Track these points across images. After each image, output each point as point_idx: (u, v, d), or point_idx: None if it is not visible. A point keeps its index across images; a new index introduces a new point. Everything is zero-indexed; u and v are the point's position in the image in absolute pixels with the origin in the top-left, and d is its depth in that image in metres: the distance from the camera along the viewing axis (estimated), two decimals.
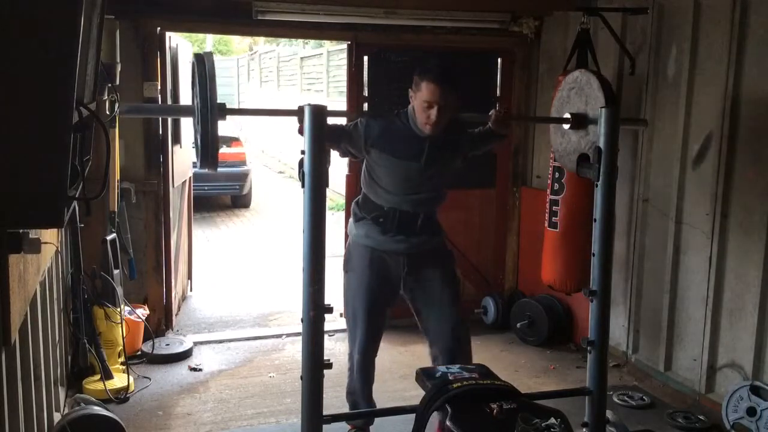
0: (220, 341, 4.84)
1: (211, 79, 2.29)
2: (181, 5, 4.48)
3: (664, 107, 4.06)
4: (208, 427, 3.62)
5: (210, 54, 2.38)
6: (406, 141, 2.96)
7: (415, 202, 3.05)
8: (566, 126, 2.90)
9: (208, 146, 2.31)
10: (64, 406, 3.40)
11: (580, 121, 2.83)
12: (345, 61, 5.35)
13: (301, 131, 2.38)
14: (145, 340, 4.46)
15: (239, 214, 10.15)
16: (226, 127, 9.01)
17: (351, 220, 3.23)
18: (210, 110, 2.26)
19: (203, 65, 2.30)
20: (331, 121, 2.48)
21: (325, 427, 2.37)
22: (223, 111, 2.29)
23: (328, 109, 2.33)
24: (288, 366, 4.42)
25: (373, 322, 3.14)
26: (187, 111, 2.48)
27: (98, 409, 3.27)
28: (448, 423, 2.52)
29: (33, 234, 2.14)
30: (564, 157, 2.99)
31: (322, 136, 2.27)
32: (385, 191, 3.04)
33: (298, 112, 2.32)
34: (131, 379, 3.97)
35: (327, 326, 2.64)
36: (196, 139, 2.42)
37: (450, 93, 2.87)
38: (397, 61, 5.02)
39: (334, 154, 2.77)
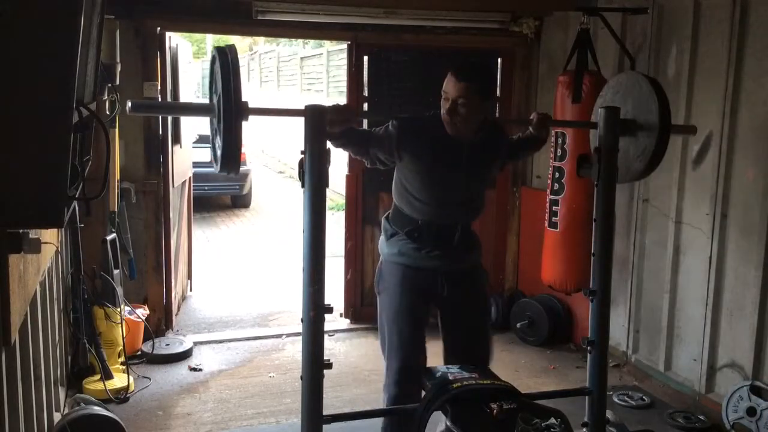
0: (220, 341, 4.84)
1: (235, 74, 2.08)
2: (181, 5, 4.48)
3: None
4: (208, 427, 3.62)
5: (233, 47, 2.15)
6: (442, 145, 2.66)
7: (453, 213, 2.77)
8: None
9: (232, 149, 2.11)
10: (64, 406, 3.40)
11: (627, 127, 2.66)
12: (345, 61, 5.35)
13: (328, 136, 2.33)
14: (145, 340, 4.46)
15: (239, 214, 10.15)
16: None
17: (381, 237, 2.90)
18: (234, 109, 2.07)
19: (226, 58, 2.11)
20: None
21: (325, 427, 2.37)
22: (247, 111, 2.13)
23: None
24: (288, 366, 4.42)
25: (411, 348, 2.75)
26: (205, 110, 2.28)
27: (98, 409, 3.27)
28: (448, 423, 2.52)
29: (33, 234, 2.14)
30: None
31: (323, 136, 2.27)
32: (420, 202, 2.73)
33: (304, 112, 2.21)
34: (131, 379, 3.97)
35: (327, 326, 2.63)
36: (213, 141, 2.22)
37: (472, 91, 2.57)
38: (397, 61, 5.02)
39: (335, 154, 2.58)
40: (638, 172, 2.72)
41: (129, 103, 2.16)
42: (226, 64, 2.10)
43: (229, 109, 2.08)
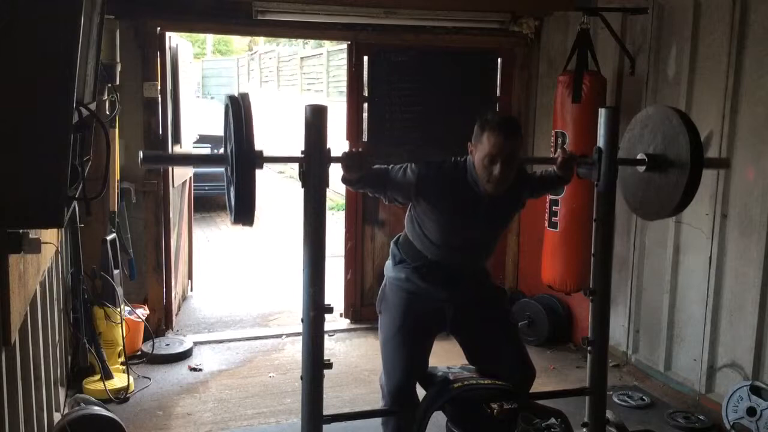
0: (220, 341, 4.84)
1: (248, 123, 2.03)
2: (181, 5, 4.48)
3: None
4: (208, 427, 3.62)
5: (246, 95, 2.10)
6: (462, 196, 2.55)
7: (465, 259, 2.69)
8: (641, 168, 2.61)
9: (245, 200, 2.06)
10: (64, 406, 3.39)
11: (658, 162, 2.55)
12: (345, 61, 5.35)
13: (344, 180, 2.37)
14: (145, 340, 4.46)
15: None
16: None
17: (389, 261, 2.82)
18: (247, 159, 2.03)
19: (239, 107, 2.06)
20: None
21: (325, 427, 2.37)
22: (261, 159, 2.08)
23: (328, 108, 2.30)
24: (288, 366, 4.41)
25: (406, 369, 2.68)
26: (218, 160, 2.24)
27: (98, 409, 3.27)
28: (448, 423, 2.52)
29: (33, 234, 2.13)
30: (644, 205, 2.67)
31: (322, 136, 2.26)
32: (433, 244, 2.63)
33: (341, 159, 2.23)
34: (131, 379, 3.97)
35: (327, 326, 2.63)
36: (228, 191, 2.17)
37: (515, 144, 2.47)
38: (397, 61, 5.02)
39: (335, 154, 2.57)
40: (672, 208, 2.58)
41: (141, 154, 2.11)
42: (238, 113, 2.05)
43: (241, 159, 2.04)
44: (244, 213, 2.09)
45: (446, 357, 3.42)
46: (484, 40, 5.05)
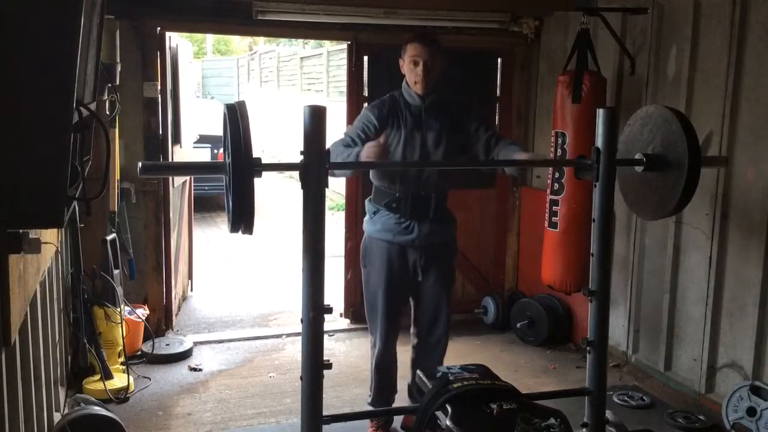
0: (220, 341, 4.84)
1: (245, 132, 2.02)
2: (181, 5, 4.48)
3: None
4: (208, 427, 3.62)
5: (243, 103, 2.09)
6: (409, 112, 3.19)
7: (426, 181, 3.19)
8: (639, 168, 2.61)
9: (243, 209, 2.05)
10: (64, 406, 3.39)
11: (655, 163, 2.55)
12: (345, 61, 5.35)
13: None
14: (145, 340, 4.46)
15: None
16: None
17: (366, 218, 3.35)
18: (245, 167, 2.01)
19: (235, 115, 2.04)
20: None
21: (325, 427, 2.37)
22: (260, 167, 2.06)
23: (328, 109, 2.30)
24: (288, 366, 4.42)
25: (393, 313, 3.33)
26: (216, 168, 2.21)
27: (98, 409, 3.27)
28: (448, 423, 2.52)
29: (33, 234, 2.14)
30: (643, 205, 2.68)
31: (322, 137, 2.26)
32: (396, 176, 3.19)
33: None
34: (131, 379, 3.97)
35: (327, 326, 2.64)
36: (227, 200, 2.16)
37: (434, 51, 3.14)
38: (397, 61, 5.00)
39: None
40: (671, 208, 2.57)
41: (140, 165, 2.08)
42: (235, 122, 2.03)
43: (239, 169, 2.01)
44: (243, 222, 2.08)
45: (446, 357, 3.44)
46: (484, 40, 5.05)
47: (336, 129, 3.08)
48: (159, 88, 4.53)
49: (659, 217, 2.70)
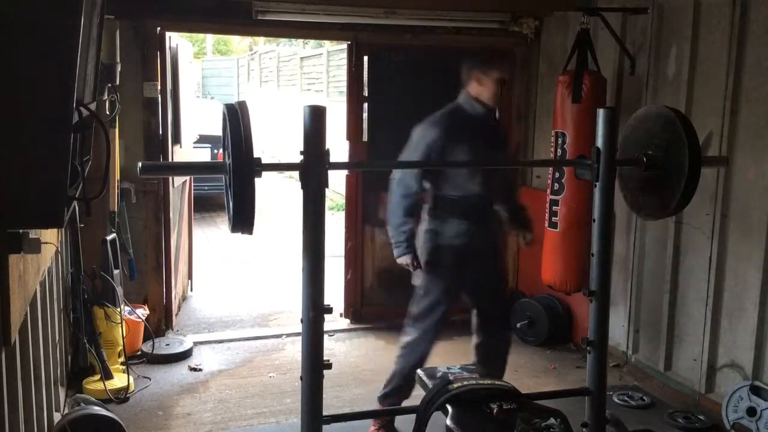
0: (220, 341, 4.84)
1: (246, 132, 2.01)
2: (181, 5, 4.48)
3: None
4: (208, 427, 3.62)
5: (243, 103, 2.08)
6: (473, 122, 3.42)
7: (483, 184, 3.40)
8: (638, 168, 2.59)
9: (244, 209, 2.04)
10: (64, 406, 3.40)
11: (655, 163, 2.53)
12: (345, 61, 5.35)
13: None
14: (145, 340, 4.46)
15: None
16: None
17: (428, 225, 3.44)
18: (245, 167, 2.00)
19: (236, 115, 2.03)
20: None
21: (325, 427, 2.37)
22: (260, 167, 2.05)
23: (328, 109, 2.30)
24: (288, 366, 4.42)
25: (448, 317, 3.51)
26: (216, 168, 2.20)
27: (98, 409, 3.27)
28: (448, 423, 2.52)
29: (33, 234, 2.14)
30: (643, 206, 2.68)
31: (322, 137, 2.26)
32: (463, 179, 3.39)
33: None
34: (131, 379, 3.97)
35: (327, 326, 2.64)
36: (227, 200, 2.16)
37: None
38: (397, 61, 5.02)
39: (335, 154, 2.72)
40: (672, 208, 2.57)
41: (140, 165, 2.06)
42: (235, 122, 2.02)
43: (240, 169, 2.01)
44: (243, 223, 2.07)
45: (446, 357, 3.44)
46: (484, 40, 5.05)
47: (336, 129, 3.07)
48: (159, 88, 4.53)
49: (659, 218, 2.70)
